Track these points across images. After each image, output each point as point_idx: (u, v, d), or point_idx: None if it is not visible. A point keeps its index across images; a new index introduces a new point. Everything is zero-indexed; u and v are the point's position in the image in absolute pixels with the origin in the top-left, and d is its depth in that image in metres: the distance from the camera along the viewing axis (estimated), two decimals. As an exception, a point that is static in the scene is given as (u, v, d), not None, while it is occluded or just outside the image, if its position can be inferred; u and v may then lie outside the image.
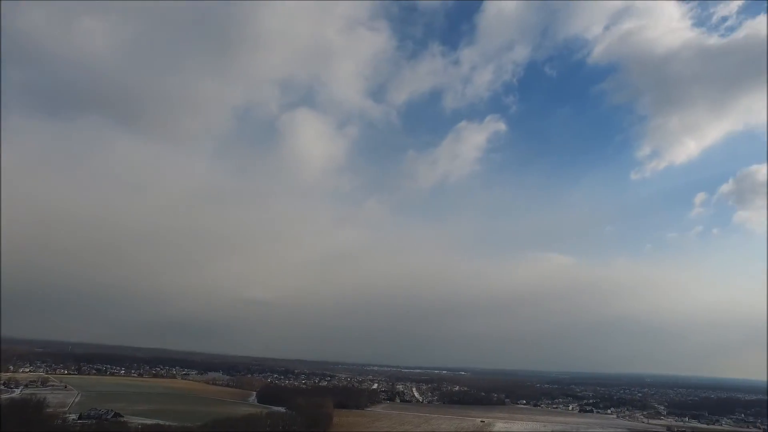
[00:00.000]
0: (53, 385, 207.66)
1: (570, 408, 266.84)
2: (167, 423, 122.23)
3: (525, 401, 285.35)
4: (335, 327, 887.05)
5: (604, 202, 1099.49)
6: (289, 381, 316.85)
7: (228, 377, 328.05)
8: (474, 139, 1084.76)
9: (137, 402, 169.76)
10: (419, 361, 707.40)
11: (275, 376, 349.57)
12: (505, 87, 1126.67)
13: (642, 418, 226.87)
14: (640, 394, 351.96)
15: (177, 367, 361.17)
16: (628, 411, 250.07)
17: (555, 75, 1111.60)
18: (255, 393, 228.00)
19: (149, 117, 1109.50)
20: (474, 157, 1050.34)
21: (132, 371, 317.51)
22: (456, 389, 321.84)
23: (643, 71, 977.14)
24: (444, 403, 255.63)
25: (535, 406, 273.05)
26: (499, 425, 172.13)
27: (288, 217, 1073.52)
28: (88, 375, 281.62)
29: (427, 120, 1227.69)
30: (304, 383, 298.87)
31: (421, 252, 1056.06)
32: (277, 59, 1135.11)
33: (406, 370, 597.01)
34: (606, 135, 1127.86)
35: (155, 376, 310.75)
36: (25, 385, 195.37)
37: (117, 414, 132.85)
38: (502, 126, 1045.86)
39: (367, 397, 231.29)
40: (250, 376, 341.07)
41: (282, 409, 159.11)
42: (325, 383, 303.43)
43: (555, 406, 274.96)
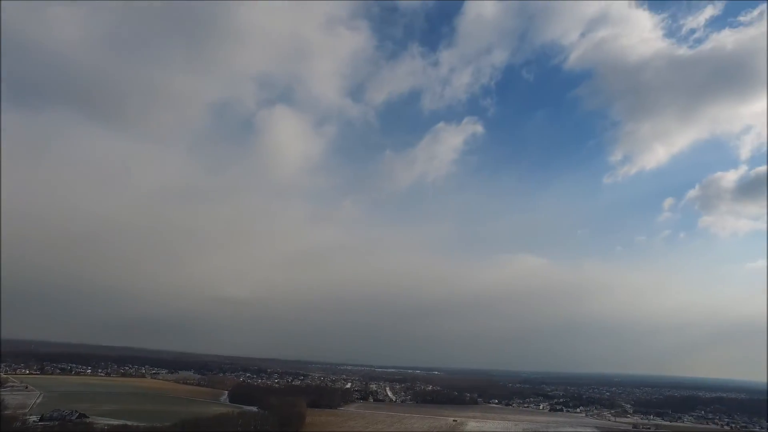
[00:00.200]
0: (12, 386, 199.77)
1: (541, 407, 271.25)
2: (135, 423, 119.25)
3: (497, 400, 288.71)
4: (309, 326, 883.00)
5: (577, 205, 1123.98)
6: (262, 380, 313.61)
7: (199, 376, 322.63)
8: (451, 141, 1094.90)
9: (104, 402, 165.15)
10: (393, 361, 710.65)
11: (248, 375, 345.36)
12: (483, 90, 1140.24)
13: (610, 416, 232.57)
14: (608, 393, 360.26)
15: (146, 366, 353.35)
16: (596, 410, 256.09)
17: (532, 79, 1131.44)
18: (227, 392, 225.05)
19: (122, 110, 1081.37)
20: (451, 159, 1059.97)
21: (99, 370, 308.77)
22: (429, 389, 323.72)
23: (617, 78, 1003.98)
24: (417, 403, 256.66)
25: (507, 405, 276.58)
26: (472, 424, 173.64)
27: (263, 215, 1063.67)
28: (51, 375, 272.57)
29: (405, 120, 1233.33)
30: (276, 382, 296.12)
31: (397, 252, 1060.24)
32: (255, 55, 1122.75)
33: (379, 369, 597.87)
34: (580, 139, 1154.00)
35: (123, 375, 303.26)
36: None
37: (82, 415, 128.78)
38: (479, 128, 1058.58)
39: (341, 397, 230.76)
40: (222, 375, 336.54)
41: (254, 409, 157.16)
42: (298, 382, 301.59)
43: (526, 405, 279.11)
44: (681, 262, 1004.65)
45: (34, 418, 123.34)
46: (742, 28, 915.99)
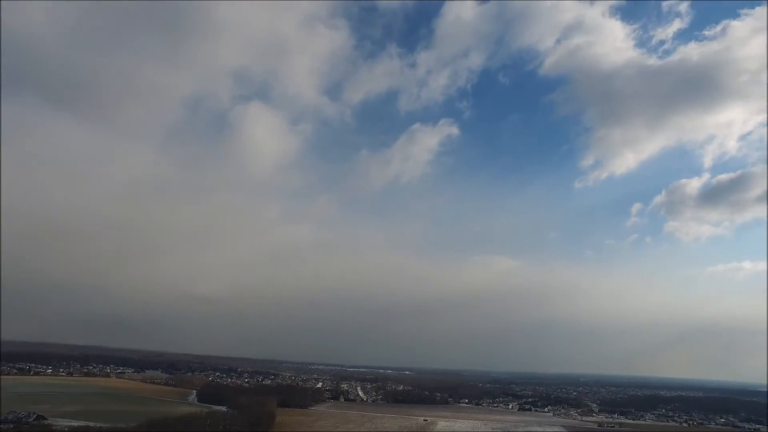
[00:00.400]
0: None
1: (510, 407, 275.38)
2: (98, 425, 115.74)
3: (467, 400, 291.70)
4: (281, 325, 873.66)
5: (549, 208, 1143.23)
6: (232, 379, 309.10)
7: (167, 375, 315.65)
8: (427, 142, 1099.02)
9: (65, 403, 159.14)
10: (365, 361, 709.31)
11: (217, 374, 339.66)
12: (460, 92, 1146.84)
13: (576, 415, 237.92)
14: (575, 392, 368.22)
15: (111, 365, 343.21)
16: (563, 409, 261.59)
17: (508, 83, 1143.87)
18: (195, 392, 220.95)
19: (93, 102, 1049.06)
20: (426, 160, 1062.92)
21: (60, 370, 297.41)
22: (400, 388, 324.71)
23: (590, 85, 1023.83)
24: (388, 402, 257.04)
25: (477, 405, 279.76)
26: (442, 424, 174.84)
27: (236, 212, 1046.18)
28: (8, 375, 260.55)
29: (382, 120, 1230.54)
30: (247, 382, 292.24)
31: (370, 252, 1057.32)
32: (232, 51, 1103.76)
33: (351, 369, 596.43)
34: (553, 144, 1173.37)
35: (87, 374, 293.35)
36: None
37: (40, 416, 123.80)
38: (455, 130, 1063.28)
39: (311, 396, 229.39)
40: (190, 374, 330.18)
41: (223, 409, 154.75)
42: (269, 382, 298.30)
43: (496, 405, 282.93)
44: (647, 265, 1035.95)
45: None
46: (706, 42, 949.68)
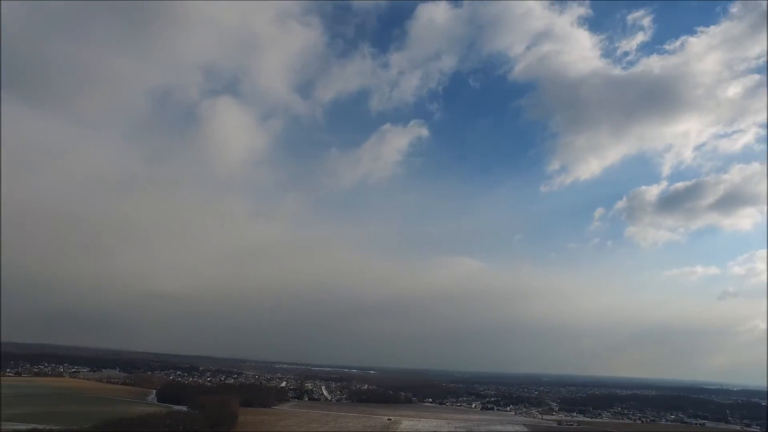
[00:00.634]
0: None
1: (473, 406, 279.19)
2: (48, 427, 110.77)
3: (431, 399, 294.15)
4: (245, 323, 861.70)
5: (515, 211, 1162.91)
6: (193, 378, 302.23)
7: (125, 375, 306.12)
8: (397, 142, 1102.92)
9: (12, 405, 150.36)
10: (330, 360, 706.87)
11: (178, 373, 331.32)
12: (431, 94, 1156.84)
13: (537, 414, 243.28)
14: (536, 392, 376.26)
15: (65, 364, 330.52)
16: (525, 408, 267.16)
17: (478, 87, 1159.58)
18: (155, 391, 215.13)
19: (46, 88, 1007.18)
20: (395, 160, 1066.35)
21: (8, 370, 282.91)
22: (365, 388, 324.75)
23: (557, 92, 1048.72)
24: (353, 402, 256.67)
25: (441, 404, 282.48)
26: (406, 423, 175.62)
27: (202, 208, 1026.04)
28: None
29: (352, 120, 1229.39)
30: (209, 381, 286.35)
31: (337, 250, 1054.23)
32: (202, 44, 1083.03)
33: (316, 368, 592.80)
34: (520, 148, 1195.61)
35: (37, 374, 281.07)
36: None
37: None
38: (425, 131, 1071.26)
39: (275, 396, 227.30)
40: (150, 373, 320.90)
41: (184, 408, 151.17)
42: (232, 381, 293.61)
43: (459, 404, 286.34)
44: (607, 268, 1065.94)
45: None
46: (667, 55, 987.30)
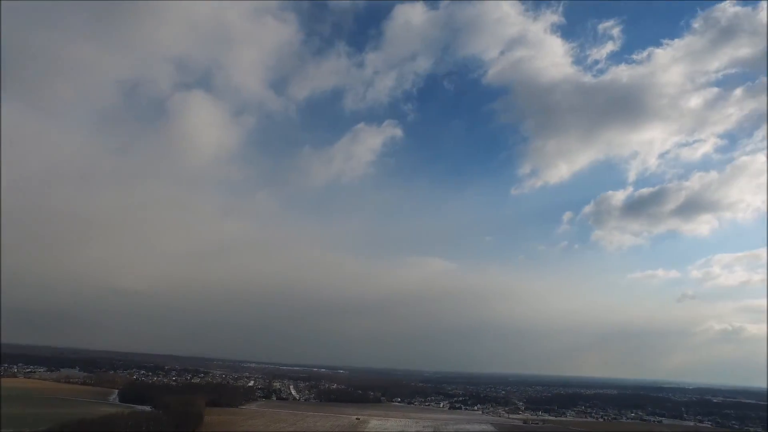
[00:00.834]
0: None
1: (441, 405, 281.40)
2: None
3: (400, 399, 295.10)
4: (212, 321, 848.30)
5: (486, 212, 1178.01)
6: (158, 378, 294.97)
7: (85, 374, 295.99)
8: (370, 142, 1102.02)
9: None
10: (299, 359, 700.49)
11: (142, 372, 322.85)
12: (405, 95, 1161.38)
13: (504, 413, 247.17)
14: (503, 391, 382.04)
15: (20, 364, 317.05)
16: (492, 407, 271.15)
17: (452, 89, 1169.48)
18: (117, 391, 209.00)
19: (11, 75, 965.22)
20: (368, 160, 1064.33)
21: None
22: (334, 387, 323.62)
23: (529, 97, 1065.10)
24: (321, 401, 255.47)
25: (409, 403, 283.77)
26: (374, 422, 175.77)
27: (170, 204, 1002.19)
28: None
29: (326, 118, 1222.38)
30: (174, 380, 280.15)
31: (308, 249, 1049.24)
32: (174, 36, 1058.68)
33: (284, 367, 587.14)
34: (492, 151, 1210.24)
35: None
36: None
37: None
38: (398, 132, 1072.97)
39: (242, 395, 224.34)
40: (112, 372, 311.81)
41: (148, 408, 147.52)
42: (198, 380, 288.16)
43: (427, 403, 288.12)
44: (574, 271, 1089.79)
45: None
46: (634, 65, 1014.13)
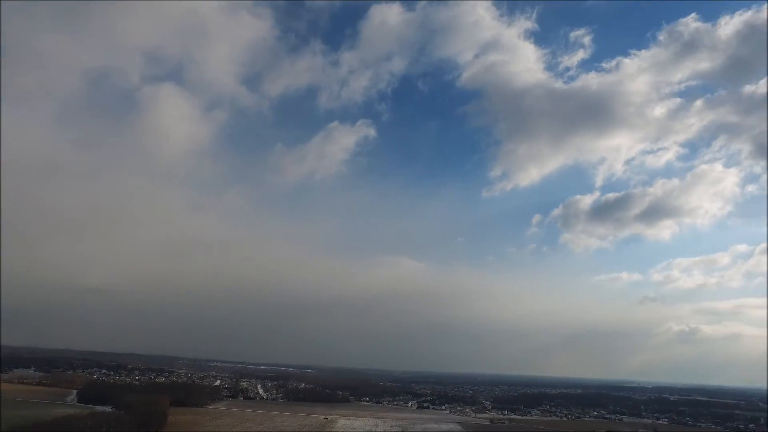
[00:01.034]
0: None
1: (409, 405, 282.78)
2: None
3: (368, 398, 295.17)
4: (179, 319, 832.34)
5: (457, 214, 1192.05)
6: (120, 377, 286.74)
7: (41, 374, 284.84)
8: (344, 141, 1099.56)
9: None
10: (267, 358, 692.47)
11: (103, 372, 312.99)
12: (380, 95, 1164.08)
13: (471, 412, 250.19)
14: (471, 391, 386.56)
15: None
16: (459, 407, 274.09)
17: (426, 91, 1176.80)
18: (75, 392, 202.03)
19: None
20: (341, 159, 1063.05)
21: None
22: (302, 386, 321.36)
23: (502, 101, 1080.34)
24: (289, 401, 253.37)
25: (378, 403, 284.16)
26: (342, 422, 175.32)
27: (138, 199, 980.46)
28: None
29: (300, 116, 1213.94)
30: (137, 380, 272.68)
31: (278, 247, 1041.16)
32: (145, 27, 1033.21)
33: (252, 366, 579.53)
34: (465, 153, 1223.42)
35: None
36: None
37: None
38: (372, 132, 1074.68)
39: (209, 394, 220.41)
40: (71, 372, 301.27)
41: (108, 409, 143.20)
42: (163, 379, 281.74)
43: (396, 403, 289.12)
44: (542, 273, 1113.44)
45: None
46: (604, 73, 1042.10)
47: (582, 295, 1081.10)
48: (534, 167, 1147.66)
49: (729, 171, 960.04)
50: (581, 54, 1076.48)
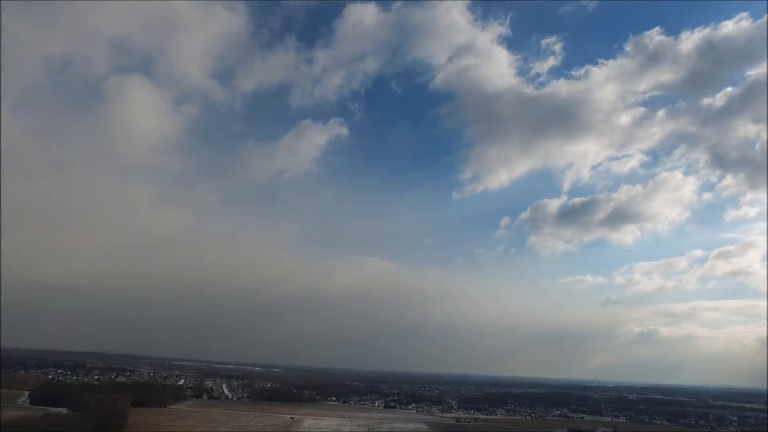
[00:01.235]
0: None
1: (376, 404, 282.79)
2: None
3: (335, 398, 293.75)
4: (142, 317, 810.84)
5: (427, 215, 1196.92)
6: (78, 377, 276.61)
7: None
8: (315, 139, 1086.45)
9: None
10: (232, 357, 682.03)
11: (60, 371, 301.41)
12: (353, 94, 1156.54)
13: (437, 412, 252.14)
14: (437, 390, 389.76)
15: None
16: (426, 406, 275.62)
17: (400, 92, 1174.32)
18: (27, 393, 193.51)
19: None
20: (312, 157, 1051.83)
21: None
22: (268, 386, 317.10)
23: (474, 104, 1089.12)
24: (255, 400, 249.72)
25: (345, 402, 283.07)
26: (308, 422, 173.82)
27: (101, 192, 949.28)
28: None
29: (272, 113, 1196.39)
30: (96, 380, 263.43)
31: (246, 245, 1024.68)
32: (113, 15, 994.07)
33: (217, 365, 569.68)
34: (436, 154, 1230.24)
35: None
36: None
37: None
38: (344, 131, 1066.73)
39: (171, 394, 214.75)
40: (23, 372, 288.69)
41: (64, 410, 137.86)
42: (123, 379, 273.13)
43: (363, 402, 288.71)
44: (510, 274, 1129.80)
45: None
46: (573, 81, 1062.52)
47: (548, 297, 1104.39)
48: (504, 170, 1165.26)
49: (688, 179, 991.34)
50: (552, 61, 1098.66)
